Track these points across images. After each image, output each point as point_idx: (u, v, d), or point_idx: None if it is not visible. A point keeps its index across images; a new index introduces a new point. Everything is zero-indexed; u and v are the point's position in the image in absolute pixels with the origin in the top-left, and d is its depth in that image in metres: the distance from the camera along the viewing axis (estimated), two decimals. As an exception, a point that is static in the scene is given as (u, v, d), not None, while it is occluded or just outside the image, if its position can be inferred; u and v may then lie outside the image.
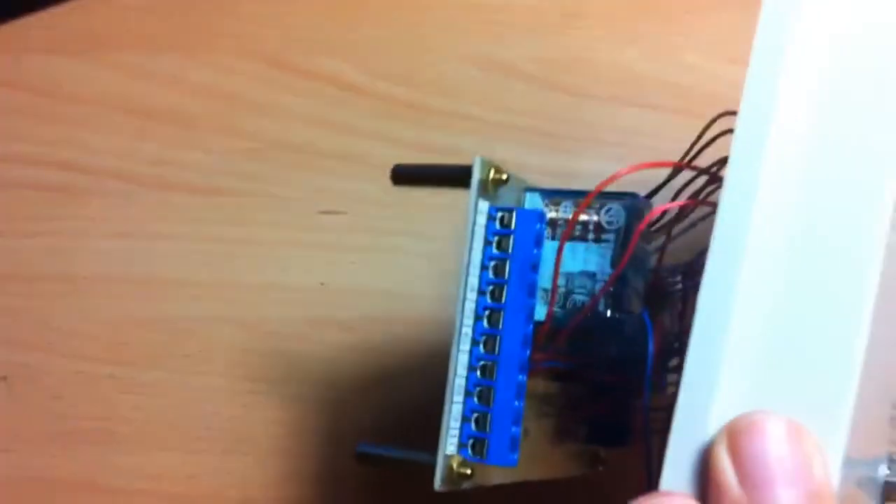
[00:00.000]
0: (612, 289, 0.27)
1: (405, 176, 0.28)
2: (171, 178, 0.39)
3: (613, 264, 0.27)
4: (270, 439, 0.37)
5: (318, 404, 0.37)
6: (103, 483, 0.38)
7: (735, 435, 0.19)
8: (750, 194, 0.20)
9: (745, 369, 0.20)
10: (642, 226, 0.26)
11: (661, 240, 0.28)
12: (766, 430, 0.19)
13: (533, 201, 0.27)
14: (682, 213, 0.27)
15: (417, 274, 0.38)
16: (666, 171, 0.28)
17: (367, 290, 0.38)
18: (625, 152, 0.37)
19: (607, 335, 0.27)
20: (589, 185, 0.27)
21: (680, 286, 0.28)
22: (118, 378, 0.38)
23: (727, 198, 0.20)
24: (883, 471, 0.25)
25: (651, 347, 0.26)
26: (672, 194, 0.28)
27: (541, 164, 0.37)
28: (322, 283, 0.38)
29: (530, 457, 0.27)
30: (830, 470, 0.19)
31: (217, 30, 0.40)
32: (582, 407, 0.29)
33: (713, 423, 0.19)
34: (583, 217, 0.27)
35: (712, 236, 0.20)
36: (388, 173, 0.26)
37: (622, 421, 0.29)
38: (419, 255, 0.38)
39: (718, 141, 0.26)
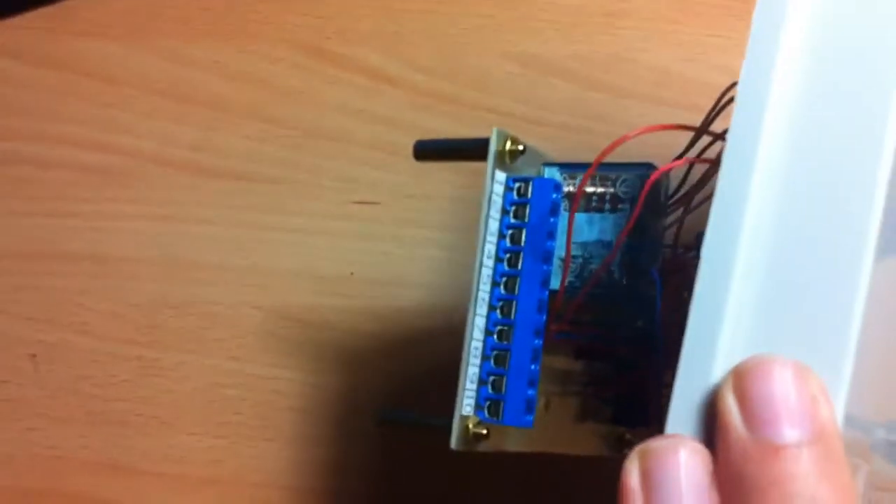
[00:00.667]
0: (626, 256, 0.27)
1: (426, 151, 0.29)
2: (208, 163, 0.40)
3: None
4: (297, 426, 0.37)
5: (346, 393, 0.37)
6: (128, 464, 0.38)
7: (741, 376, 0.19)
8: (753, 141, 0.20)
9: (748, 316, 0.20)
10: (648, 184, 0.26)
11: (679, 212, 0.28)
12: (772, 371, 0.19)
13: (551, 174, 0.28)
14: (701, 182, 0.27)
15: (449, 266, 0.37)
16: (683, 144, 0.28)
17: (398, 280, 0.38)
18: (663, 152, 0.36)
19: (622, 303, 0.28)
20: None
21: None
22: (147, 360, 0.39)
23: (731, 144, 0.20)
24: None
25: (658, 304, 0.26)
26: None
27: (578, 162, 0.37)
28: (352, 273, 0.38)
29: (551, 430, 0.28)
30: (836, 411, 0.19)
31: (257, 18, 0.40)
32: (605, 385, 0.29)
33: (717, 369, 0.20)
34: (599, 189, 0.28)
35: (716, 187, 0.20)
36: (421, 165, 0.27)
37: (644, 400, 0.29)
38: (450, 248, 0.38)
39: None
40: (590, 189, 0.28)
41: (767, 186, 0.20)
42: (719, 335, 0.20)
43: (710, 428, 0.19)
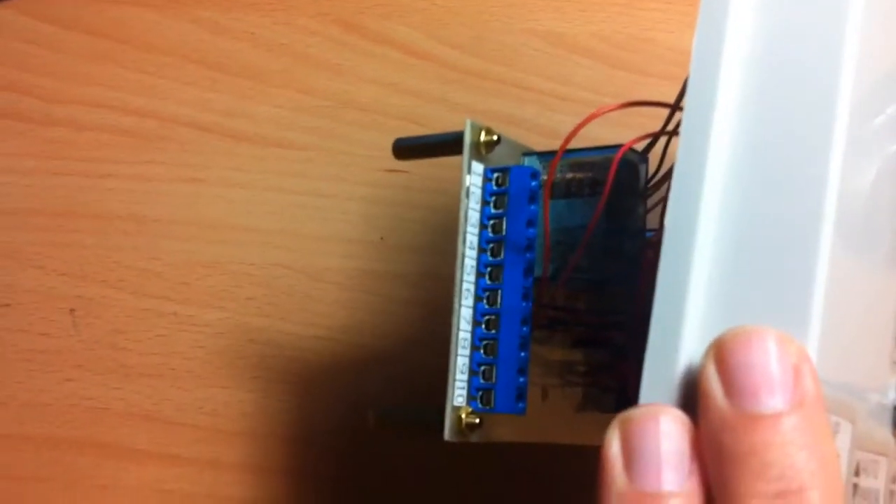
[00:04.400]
0: (609, 240, 0.28)
1: (405, 149, 0.30)
2: (242, 130, 0.41)
3: (608, 212, 0.27)
4: (328, 382, 0.39)
5: (375, 352, 0.39)
6: (160, 415, 0.40)
7: (721, 347, 0.19)
8: (709, 113, 0.20)
9: (715, 282, 0.20)
10: (614, 164, 0.27)
11: (665, 191, 0.29)
12: (752, 341, 0.19)
13: (531, 163, 0.29)
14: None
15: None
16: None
17: (428, 247, 0.39)
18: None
19: (611, 288, 0.28)
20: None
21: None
22: (181, 316, 0.40)
23: (689, 116, 0.20)
24: (892, 395, 0.25)
25: (638, 284, 0.26)
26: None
27: (599, 137, 0.39)
28: (382, 238, 0.40)
29: (550, 420, 0.28)
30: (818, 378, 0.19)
31: (294, -9, 0.42)
32: (605, 373, 0.29)
33: (687, 337, 0.20)
34: (579, 175, 0.28)
35: (676, 157, 0.20)
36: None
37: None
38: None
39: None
40: (569, 175, 0.28)
41: (726, 152, 0.20)
42: (687, 302, 0.20)
43: (688, 397, 0.19)
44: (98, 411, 0.40)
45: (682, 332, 0.20)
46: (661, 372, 0.20)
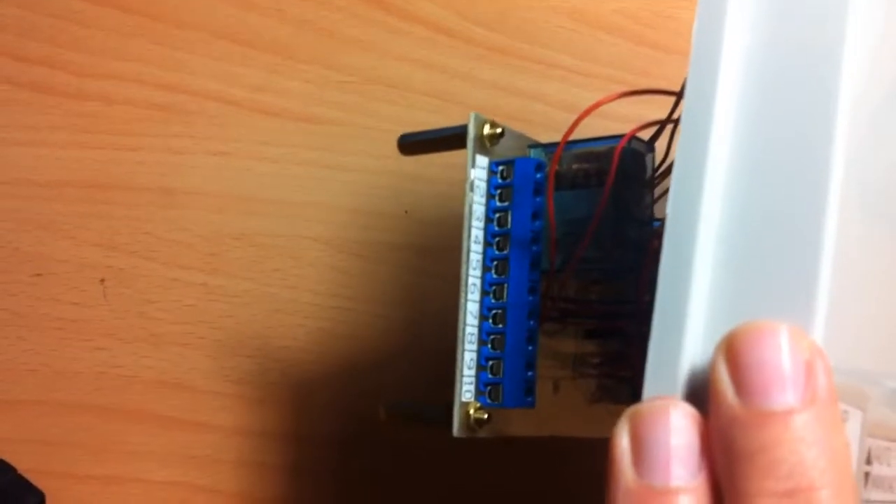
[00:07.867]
0: (616, 231, 0.27)
1: (410, 145, 0.30)
2: (270, 104, 0.42)
3: (615, 202, 0.27)
4: (352, 353, 0.40)
5: (399, 324, 0.39)
6: (189, 383, 0.40)
7: (732, 343, 0.18)
8: (710, 101, 0.20)
9: (718, 271, 0.20)
10: (616, 153, 0.26)
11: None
12: (763, 336, 0.18)
13: (536, 155, 0.28)
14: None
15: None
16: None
17: (450, 220, 0.40)
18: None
19: (620, 279, 0.28)
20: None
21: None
22: (210, 286, 0.41)
23: (689, 105, 0.21)
24: None
25: (641, 275, 0.26)
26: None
27: (623, 113, 0.39)
28: (406, 212, 0.40)
29: (562, 413, 0.28)
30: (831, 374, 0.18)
31: (322, -33, 0.42)
32: (620, 363, 0.29)
33: (691, 331, 0.19)
34: (584, 165, 0.28)
35: (678, 144, 0.20)
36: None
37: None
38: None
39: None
40: (574, 165, 0.28)
41: (728, 140, 0.20)
42: (690, 292, 0.19)
43: (693, 390, 0.19)
44: (127, 379, 0.41)
45: (685, 322, 0.19)
46: (664, 364, 0.19)
